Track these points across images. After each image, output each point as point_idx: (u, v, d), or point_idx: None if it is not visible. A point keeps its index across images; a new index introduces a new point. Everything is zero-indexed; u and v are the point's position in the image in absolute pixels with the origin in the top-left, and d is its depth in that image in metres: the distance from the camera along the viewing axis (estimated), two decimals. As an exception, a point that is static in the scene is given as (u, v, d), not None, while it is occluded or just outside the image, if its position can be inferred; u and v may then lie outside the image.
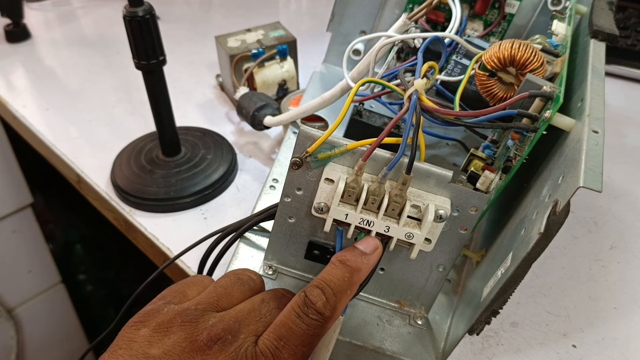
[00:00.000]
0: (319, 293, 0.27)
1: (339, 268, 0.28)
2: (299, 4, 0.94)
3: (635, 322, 0.41)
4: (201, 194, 0.52)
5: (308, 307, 0.26)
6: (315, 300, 0.26)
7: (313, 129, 0.31)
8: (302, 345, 0.25)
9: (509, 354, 0.39)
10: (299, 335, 0.26)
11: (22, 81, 0.73)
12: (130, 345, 0.24)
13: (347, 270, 0.28)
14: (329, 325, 0.27)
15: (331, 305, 0.26)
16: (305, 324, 0.26)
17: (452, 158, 0.51)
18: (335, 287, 0.27)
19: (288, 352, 0.25)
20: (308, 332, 0.26)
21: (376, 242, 0.31)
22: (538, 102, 0.32)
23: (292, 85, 0.63)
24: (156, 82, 0.48)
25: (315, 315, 0.26)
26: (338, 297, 0.27)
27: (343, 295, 0.27)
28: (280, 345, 0.25)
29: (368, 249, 0.30)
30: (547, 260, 0.46)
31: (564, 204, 0.26)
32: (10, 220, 0.94)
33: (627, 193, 0.54)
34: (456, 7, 0.45)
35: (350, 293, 0.28)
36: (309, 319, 0.26)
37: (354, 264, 0.29)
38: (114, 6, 0.91)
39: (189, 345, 0.24)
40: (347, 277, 0.28)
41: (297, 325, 0.26)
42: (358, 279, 0.29)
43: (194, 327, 0.25)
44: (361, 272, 0.29)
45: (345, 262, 0.29)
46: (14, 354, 1.01)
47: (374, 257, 0.30)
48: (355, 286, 0.29)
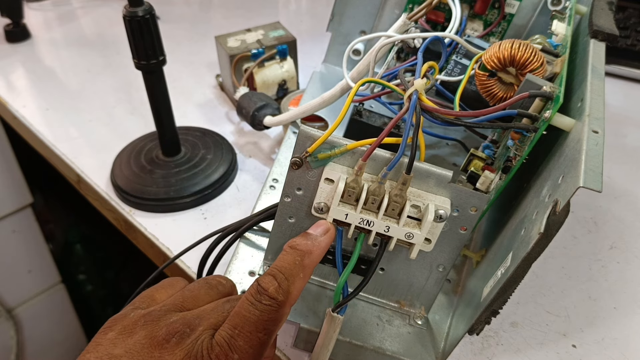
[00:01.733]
0: (271, 279, 0.27)
1: (289, 253, 0.29)
2: (299, 4, 0.94)
3: (635, 322, 0.41)
4: (201, 194, 0.52)
5: (261, 294, 0.27)
6: (267, 286, 0.27)
7: (313, 129, 0.31)
8: (257, 331, 0.26)
9: (508, 354, 0.39)
10: (253, 322, 0.26)
11: (22, 81, 0.73)
12: (97, 349, 0.26)
13: (297, 254, 0.29)
14: (284, 310, 0.27)
15: (284, 290, 0.27)
16: (259, 310, 0.26)
17: (452, 158, 0.51)
18: (287, 271, 0.28)
19: (243, 339, 0.25)
20: (262, 318, 0.26)
21: (327, 224, 0.32)
22: (538, 102, 0.32)
23: (292, 85, 0.63)
24: (156, 82, 0.48)
25: (268, 301, 0.26)
26: (290, 281, 0.27)
27: (295, 278, 0.28)
28: (235, 333, 0.26)
29: (318, 232, 0.31)
30: (547, 260, 0.46)
31: (564, 204, 0.26)
32: (10, 220, 0.94)
33: (627, 193, 0.54)
34: (456, 7, 0.45)
35: (303, 276, 0.28)
36: (262, 305, 0.26)
37: (304, 247, 0.29)
38: (114, 6, 0.91)
39: (148, 341, 0.25)
40: (298, 261, 0.29)
41: (250, 312, 0.26)
42: (309, 262, 0.29)
43: (155, 325, 0.26)
44: (312, 254, 0.29)
45: (295, 246, 0.29)
46: (14, 354, 1.01)
47: (325, 239, 0.31)
48: (308, 269, 0.29)
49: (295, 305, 0.38)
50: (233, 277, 0.38)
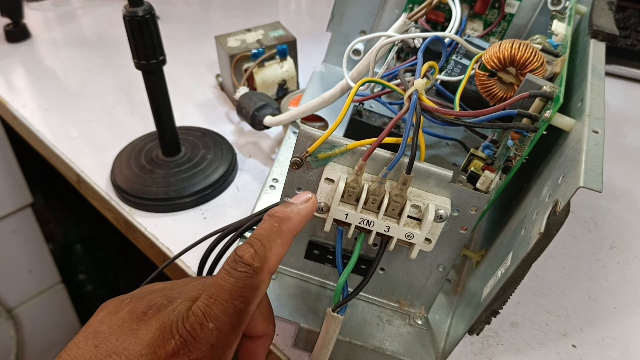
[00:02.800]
0: (247, 246, 0.27)
1: (267, 221, 0.29)
2: (299, 4, 0.94)
3: (635, 322, 0.41)
4: (201, 193, 0.52)
5: (236, 262, 0.26)
6: (243, 254, 0.27)
7: (313, 129, 0.31)
8: (232, 299, 0.26)
9: (508, 354, 0.39)
10: (228, 289, 0.26)
11: (22, 81, 0.73)
12: (86, 328, 0.26)
13: (275, 220, 0.29)
14: (262, 277, 0.27)
15: (260, 256, 0.27)
16: (234, 278, 0.26)
17: (452, 158, 0.51)
18: (263, 237, 0.28)
19: (218, 307, 0.25)
20: (237, 285, 0.26)
21: (307, 194, 0.31)
22: (538, 102, 0.32)
23: (292, 85, 0.63)
24: (156, 82, 0.48)
25: (243, 268, 0.26)
26: (267, 247, 0.27)
27: (273, 244, 0.27)
28: (211, 302, 0.25)
29: (298, 200, 0.30)
30: (547, 260, 0.46)
31: (564, 204, 0.26)
32: (10, 220, 0.94)
33: (627, 193, 0.54)
34: (456, 7, 0.45)
35: (281, 242, 0.28)
36: (237, 272, 0.26)
37: (282, 213, 0.29)
38: (114, 6, 0.91)
39: (129, 316, 0.26)
40: (276, 227, 0.28)
41: (225, 280, 0.26)
42: (288, 228, 0.29)
43: (138, 301, 0.27)
44: (290, 220, 0.29)
45: (274, 214, 0.29)
46: (14, 354, 1.01)
47: (305, 207, 0.30)
48: (286, 235, 0.28)
49: (295, 305, 0.38)
50: (233, 277, 0.38)
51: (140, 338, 0.25)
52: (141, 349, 0.24)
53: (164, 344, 0.24)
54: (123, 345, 0.24)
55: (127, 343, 0.24)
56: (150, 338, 0.25)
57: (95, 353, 0.24)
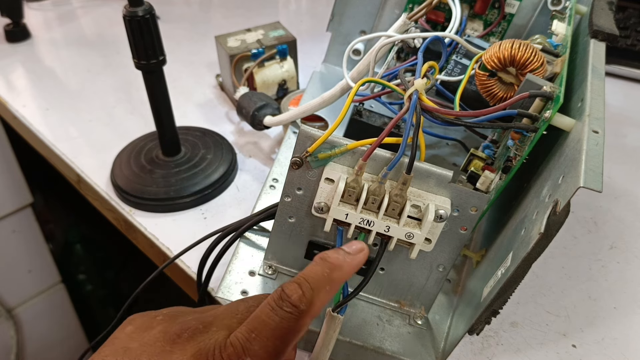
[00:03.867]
0: (296, 287, 0.26)
1: (319, 264, 0.28)
2: (299, 4, 0.94)
3: (635, 322, 0.41)
4: (201, 193, 0.52)
5: (283, 301, 0.26)
6: (291, 294, 0.26)
7: (313, 129, 0.31)
8: (274, 338, 0.25)
9: (508, 354, 0.39)
10: (272, 328, 0.25)
11: (22, 81, 0.73)
12: (114, 342, 0.26)
13: (327, 266, 0.28)
14: (306, 320, 0.26)
15: (307, 299, 0.26)
16: (279, 317, 0.25)
17: (452, 158, 0.51)
18: (313, 281, 0.27)
19: (259, 344, 0.25)
20: (281, 325, 0.25)
21: (362, 244, 0.31)
22: (538, 102, 0.32)
23: (292, 85, 0.63)
24: (156, 82, 0.48)
25: (289, 308, 0.26)
26: (315, 292, 0.27)
27: (321, 290, 0.27)
28: (252, 337, 0.25)
29: (351, 250, 0.30)
30: (547, 260, 0.46)
31: (564, 204, 0.26)
32: (10, 220, 0.94)
33: (627, 193, 0.54)
34: (456, 7, 0.45)
35: (329, 289, 0.27)
36: (283, 312, 0.25)
37: (335, 260, 0.28)
38: (114, 6, 0.91)
39: (162, 336, 0.25)
40: (327, 273, 0.28)
41: (270, 318, 0.25)
42: (338, 277, 0.28)
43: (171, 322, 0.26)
44: (342, 269, 0.28)
45: (327, 259, 0.28)
46: (14, 354, 1.01)
47: (359, 257, 0.30)
48: (335, 283, 0.28)
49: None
50: (233, 277, 0.38)
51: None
52: None
53: None
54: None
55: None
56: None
57: None
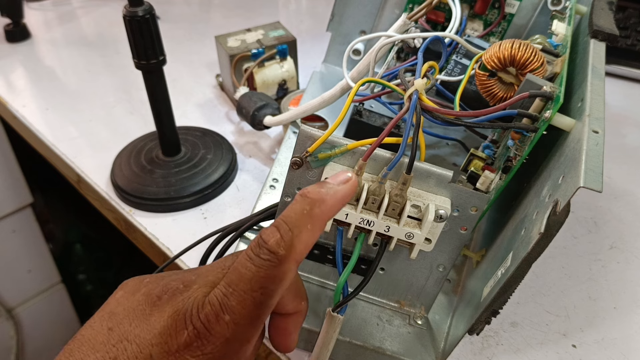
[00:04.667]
0: (273, 230, 0.24)
1: (298, 202, 0.25)
2: (299, 4, 0.94)
3: (635, 322, 0.41)
4: (201, 193, 0.52)
5: (260, 247, 0.23)
6: (268, 239, 0.23)
7: (313, 129, 0.31)
8: (251, 290, 0.23)
9: (508, 354, 0.39)
10: (248, 279, 0.23)
11: (22, 81, 0.73)
12: (104, 307, 0.25)
13: (306, 202, 0.25)
14: (287, 266, 0.24)
15: (286, 242, 0.23)
16: (256, 266, 0.23)
17: (452, 158, 0.51)
18: (291, 221, 0.24)
19: (236, 298, 0.23)
20: (258, 274, 0.23)
21: (347, 174, 0.28)
22: (538, 102, 0.32)
23: (292, 85, 0.63)
24: (156, 82, 0.48)
25: (266, 255, 0.23)
26: (295, 232, 0.24)
27: (302, 229, 0.24)
28: (229, 292, 0.23)
29: (336, 181, 0.27)
30: (547, 260, 0.46)
31: (564, 204, 0.26)
32: (10, 220, 0.94)
33: (627, 193, 0.54)
34: (456, 7, 0.45)
35: (311, 228, 0.25)
36: (260, 260, 0.23)
37: (316, 194, 0.25)
38: (114, 6, 0.91)
39: (145, 298, 0.24)
40: (307, 210, 0.25)
41: (246, 268, 0.23)
42: (320, 212, 0.25)
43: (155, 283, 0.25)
44: (324, 203, 0.25)
45: (306, 194, 0.25)
46: (14, 354, 1.01)
47: (343, 188, 0.27)
48: (317, 220, 0.25)
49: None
50: (233, 277, 0.38)
51: (152, 325, 0.23)
52: (152, 338, 0.23)
53: (176, 334, 0.23)
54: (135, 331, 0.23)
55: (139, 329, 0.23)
56: (163, 326, 0.23)
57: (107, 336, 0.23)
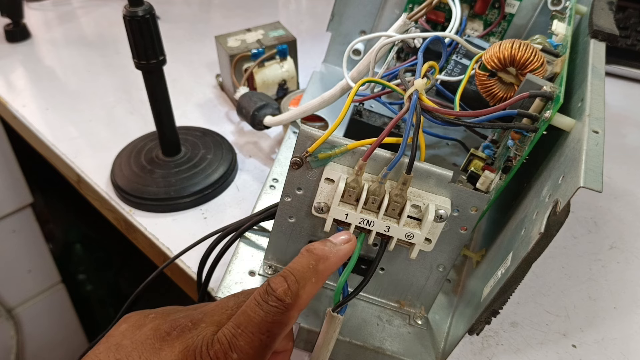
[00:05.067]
0: (281, 280, 0.27)
1: (304, 256, 0.29)
2: (299, 4, 0.94)
3: (635, 322, 0.41)
4: (201, 193, 0.52)
5: (269, 295, 0.26)
6: (276, 287, 0.26)
7: (313, 129, 0.31)
8: (259, 333, 0.25)
9: (508, 354, 0.39)
10: (257, 323, 0.25)
11: (22, 81, 0.73)
12: (108, 339, 0.27)
13: (312, 258, 0.28)
14: (292, 313, 0.26)
15: (292, 292, 0.26)
16: (264, 311, 0.26)
17: (452, 158, 0.51)
18: (299, 274, 0.27)
19: (245, 339, 0.25)
20: (266, 319, 0.26)
21: (349, 234, 0.31)
22: (538, 102, 0.32)
23: (292, 85, 0.63)
24: (156, 82, 0.48)
25: (274, 302, 0.26)
26: (301, 284, 0.27)
27: (307, 282, 0.27)
28: (238, 332, 0.25)
29: (338, 240, 0.30)
30: (547, 260, 0.46)
31: (564, 204, 0.26)
32: (10, 220, 0.94)
33: (627, 193, 0.54)
34: (456, 7, 0.45)
35: (315, 281, 0.28)
36: (268, 306, 0.26)
37: (321, 252, 0.29)
38: (114, 6, 0.91)
39: (153, 333, 0.26)
40: (312, 265, 0.28)
41: (255, 312, 0.26)
42: (324, 268, 0.28)
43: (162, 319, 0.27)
44: (328, 260, 0.29)
45: (312, 250, 0.29)
46: (14, 354, 1.01)
47: (344, 248, 0.30)
48: (321, 274, 0.28)
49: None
50: (233, 277, 0.38)
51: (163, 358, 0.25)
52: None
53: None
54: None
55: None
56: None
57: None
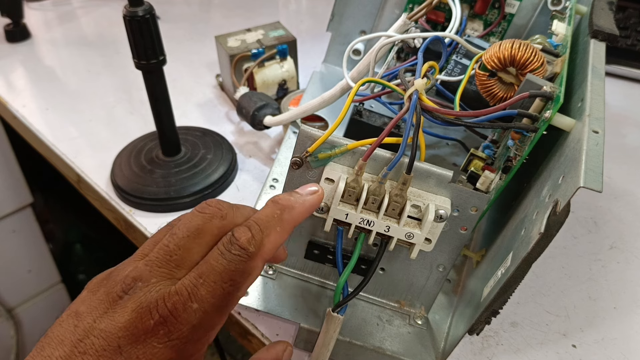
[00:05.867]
0: (245, 229, 0.26)
1: (269, 206, 0.28)
2: (299, 4, 0.94)
3: (635, 322, 0.41)
4: (201, 193, 0.52)
5: (232, 244, 0.26)
6: (240, 236, 0.26)
7: (313, 129, 0.31)
8: (221, 281, 0.25)
9: (508, 354, 0.39)
10: (219, 271, 0.25)
11: (22, 81, 0.73)
12: (70, 307, 0.26)
13: (277, 207, 0.28)
14: (256, 262, 0.26)
15: (256, 241, 0.26)
16: (227, 260, 0.25)
17: (452, 158, 0.51)
18: (263, 223, 0.27)
19: (206, 288, 0.25)
20: (229, 268, 0.25)
21: (315, 185, 0.31)
22: (538, 102, 0.32)
23: (292, 85, 0.63)
24: (156, 82, 0.48)
25: (237, 251, 0.26)
26: (265, 233, 0.27)
27: (271, 231, 0.27)
28: (199, 282, 0.25)
29: (304, 191, 0.30)
30: (547, 260, 0.46)
31: (564, 204, 0.26)
32: (10, 220, 0.94)
33: (627, 193, 0.54)
34: (456, 7, 0.45)
35: (280, 230, 0.27)
36: (231, 255, 0.25)
37: (286, 202, 0.28)
38: (114, 6, 0.91)
39: (105, 297, 0.25)
40: (277, 214, 0.28)
41: (218, 261, 0.25)
42: (289, 217, 0.28)
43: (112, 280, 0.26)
44: (294, 210, 0.28)
45: (277, 200, 0.29)
46: (14, 354, 1.01)
47: (311, 198, 0.30)
48: (286, 224, 0.28)
49: (296, 304, 0.38)
50: (233, 277, 0.38)
51: (117, 320, 0.24)
52: (118, 331, 0.24)
53: (142, 324, 0.24)
54: (100, 326, 0.24)
55: (103, 324, 0.24)
56: (127, 319, 0.24)
57: (74, 332, 0.24)
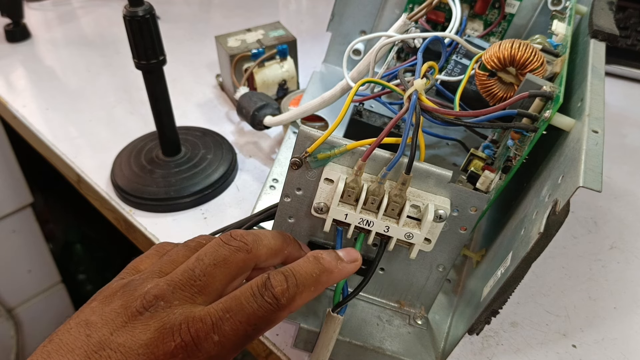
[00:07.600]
0: (282, 279, 0.26)
1: (311, 263, 0.28)
2: (299, 4, 0.94)
3: (635, 322, 0.41)
4: (201, 193, 0.52)
5: (266, 289, 0.26)
6: (275, 285, 0.26)
7: (313, 129, 0.31)
8: (247, 323, 0.25)
9: (508, 354, 0.39)
10: (247, 313, 0.25)
11: (22, 81, 0.73)
12: (78, 315, 0.26)
13: (318, 267, 0.28)
14: (282, 314, 0.26)
15: (290, 295, 0.26)
16: (257, 304, 0.25)
17: (452, 158, 0.51)
18: (301, 278, 0.27)
19: (231, 326, 0.25)
20: (257, 313, 0.25)
21: (357, 254, 0.31)
22: (538, 102, 0.32)
23: (292, 85, 0.63)
24: (156, 82, 0.48)
25: (270, 298, 0.25)
26: (299, 289, 0.27)
27: (305, 289, 0.27)
28: (225, 317, 0.25)
29: (346, 258, 0.30)
30: (547, 260, 0.46)
31: (564, 204, 0.26)
32: (10, 220, 0.94)
33: (627, 193, 0.54)
34: (456, 7, 0.45)
35: (314, 290, 0.27)
36: (263, 301, 0.25)
37: (328, 264, 0.28)
38: (114, 6, 0.91)
39: (123, 311, 0.25)
40: (316, 274, 0.28)
41: (248, 302, 0.25)
42: (326, 280, 0.28)
43: (130, 294, 0.26)
44: (332, 274, 0.28)
45: (320, 259, 0.28)
46: (14, 354, 1.01)
47: (350, 267, 0.30)
48: (321, 286, 0.28)
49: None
50: (233, 277, 0.38)
51: (137, 337, 0.24)
52: (138, 347, 0.24)
53: (163, 345, 0.24)
54: (118, 340, 0.24)
55: (122, 339, 0.24)
56: (149, 338, 0.24)
57: (86, 342, 0.24)
